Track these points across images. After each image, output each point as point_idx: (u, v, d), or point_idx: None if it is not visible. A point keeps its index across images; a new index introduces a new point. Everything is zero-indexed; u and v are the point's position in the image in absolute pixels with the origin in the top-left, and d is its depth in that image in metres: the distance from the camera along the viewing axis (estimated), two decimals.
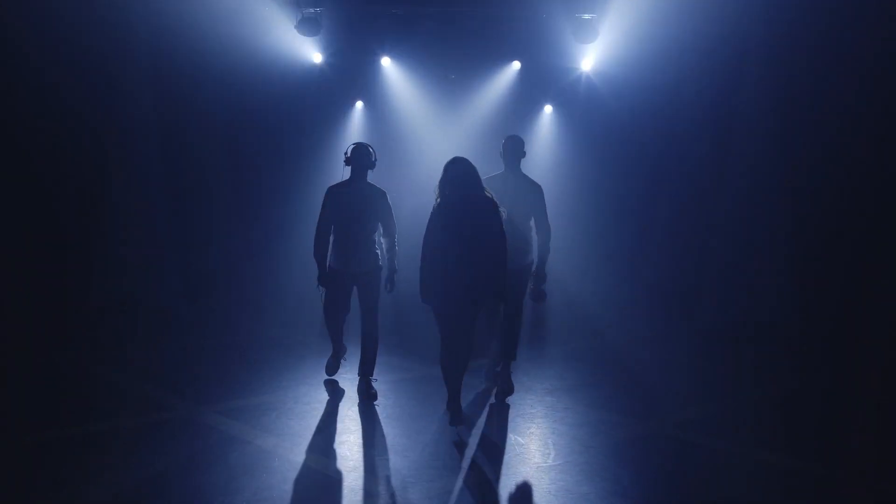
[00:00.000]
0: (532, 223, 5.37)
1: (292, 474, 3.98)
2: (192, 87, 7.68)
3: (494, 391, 5.43)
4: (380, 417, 4.92)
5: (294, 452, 4.27)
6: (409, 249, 5.22)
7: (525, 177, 5.46)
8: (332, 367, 5.63)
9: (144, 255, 7.40)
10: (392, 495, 3.79)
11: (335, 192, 5.30)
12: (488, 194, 4.59)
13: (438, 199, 4.59)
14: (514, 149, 5.46)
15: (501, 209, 4.62)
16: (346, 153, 5.31)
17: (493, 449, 4.45)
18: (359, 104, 9.43)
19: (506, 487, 3.90)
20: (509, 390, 5.35)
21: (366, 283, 5.29)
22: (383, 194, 5.30)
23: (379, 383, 5.44)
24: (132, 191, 7.40)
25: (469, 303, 4.57)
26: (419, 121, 9.11)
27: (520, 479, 4.00)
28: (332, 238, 5.29)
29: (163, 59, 7.41)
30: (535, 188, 5.41)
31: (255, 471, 4.01)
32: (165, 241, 7.58)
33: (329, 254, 5.29)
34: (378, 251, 5.34)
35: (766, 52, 7.24)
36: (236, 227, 8.02)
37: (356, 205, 5.23)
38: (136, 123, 7.47)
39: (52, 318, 6.75)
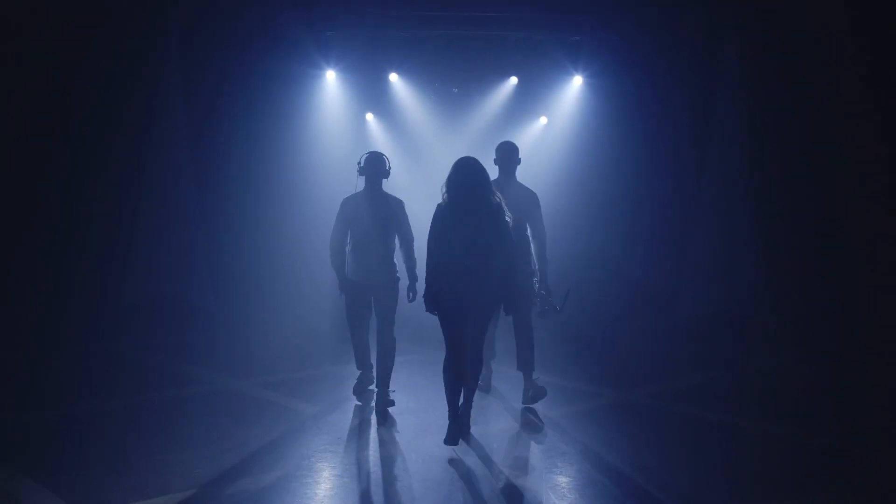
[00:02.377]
0: (528, 233, 5.32)
1: (325, 428, 4.80)
2: (218, 103, 8.46)
3: (523, 398, 5.38)
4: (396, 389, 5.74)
5: (325, 414, 5.08)
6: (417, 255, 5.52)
7: (520, 185, 5.39)
8: (360, 389, 5.46)
9: (176, 257, 8.14)
10: (409, 442, 4.61)
11: (350, 203, 5.20)
12: (497, 198, 4.44)
13: (445, 199, 4.45)
14: (508, 155, 5.37)
15: (508, 215, 4.46)
16: (359, 163, 5.20)
17: (492, 414, 5.26)
18: (369, 116, 10.18)
19: (502, 441, 4.70)
20: (540, 394, 5.31)
21: (384, 295, 5.20)
22: (401, 204, 5.21)
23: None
24: (166, 197, 8.16)
25: (475, 310, 4.42)
26: (425, 131, 9.87)
27: (513, 436, 4.83)
28: (349, 250, 5.21)
29: (193, 80, 8.20)
30: (531, 196, 5.34)
31: (292, 428, 4.85)
32: (194, 244, 8.31)
33: (346, 265, 5.24)
34: (396, 262, 5.26)
35: (739, 63, 8.06)
36: (258, 231, 8.73)
37: (374, 216, 5.13)
38: (169, 135, 8.23)
39: (96, 311, 7.55)
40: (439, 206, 4.47)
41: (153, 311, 7.67)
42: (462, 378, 4.48)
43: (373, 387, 5.45)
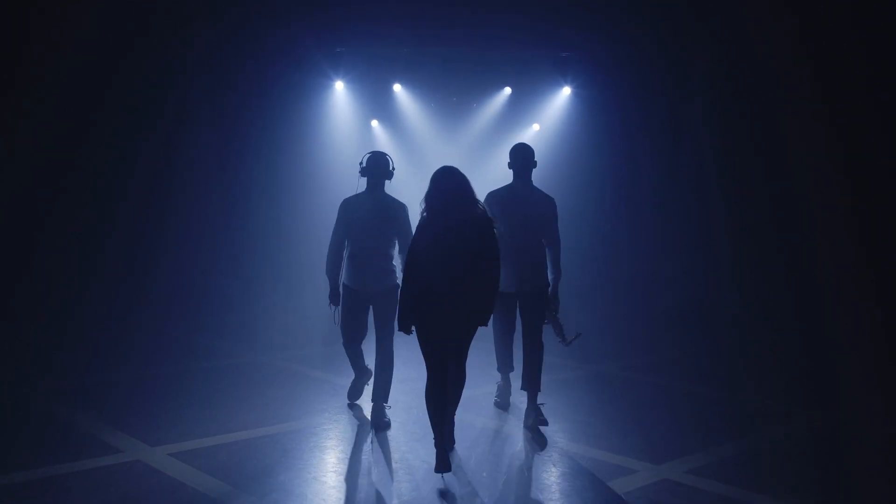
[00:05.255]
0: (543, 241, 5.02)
1: (341, 391, 5.65)
2: (241, 112, 9.38)
3: (525, 426, 5.01)
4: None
5: (342, 380, 5.93)
6: None
7: (536, 189, 5.10)
8: (355, 393, 5.30)
9: (203, 248, 9.05)
10: (411, 401, 5.47)
11: (351, 204, 4.97)
12: (481, 207, 4.14)
13: (425, 213, 4.10)
14: (523, 158, 5.05)
15: (496, 227, 4.15)
16: (361, 163, 5.01)
17: (478, 378, 6.13)
18: (374, 122, 11.05)
19: (488, 399, 5.57)
20: (542, 422, 4.91)
21: (383, 304, 4.94)
22: (402, 207, 4.96)
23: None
24: (192, 197, 9.09)
25: (456, 329, 4.12)
26: (426, 137, 10.74)
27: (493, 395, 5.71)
28: (346, 254, 4.98)
29: (217, 94, 9.13)
30: (549, 201, 5.04)
31: (313, 391, 5.77)
32: (218, 239, 9.22)
33: (343, 271, 5.01)
34: (395, 268, 4.99)
35: (709, 83, 8.97)
36: (278, 225, 9.63)
37: (374, 218, 4.90)
38: (196, 141, 9.15)
39: (136, 295, 8.47)
40: (420, 225, 4.14)
41: (184, 296, 8.59)
42: (445, 402, 4.19)
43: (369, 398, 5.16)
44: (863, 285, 7.27)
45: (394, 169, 5.08)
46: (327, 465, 4.26)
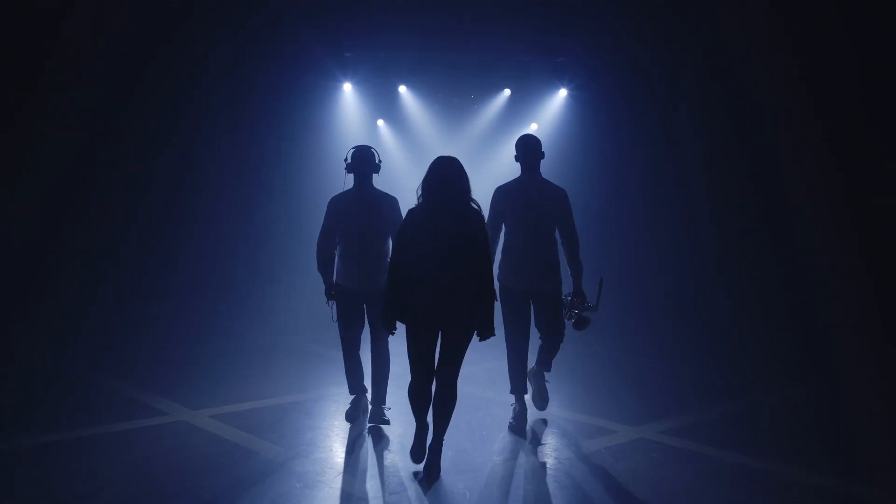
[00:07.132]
0: (556, 236, 4.86)
1: None
2: (255, 115, 9.99)
3: (528, 397, 5.11)
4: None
5: None
6: None
7: (547, 182, 4.88)
8: (354, 416, 4.94)
9: (222, 243, 9.66)
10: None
11: (339, 202, 4.81)
12: (475, 205, 4.00)
13: (420, 201, 4.02)
14: (530, 149, 4.82)
15: (486, 224, 4.12)
16: (346, 159, 4.86)
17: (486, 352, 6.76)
18: (380, 122, 11.64)
19: (487, 374, 6.19)
20: (543, 401, 5.11)
21: (377, 302, 4.65)
22: (395, 201, 4.80)
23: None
24: (213, 194, 9.70)
25: (447, 330, 3.96)
26: (429, 135, 11.33)
27: (490, 371, 6.30)
28: (338, 253, 4.84)
29: (236, 96, 9.73)
30: (560, 194, 4.81)
31: (329, 367, 6.38)
32: (236, 238, 9.83)
33: (336, 270, 4.87)
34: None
35: (698, 76, 9.56)
36: (285, 226, 10.24)
37: (364, 215, 4.75)
38: (216, 145, 9.77)
39: (162, 287, 9.08)
40: (411, 210, 4.04)
41: (204, 286, 9.20)
42: (429, 395, 4.08)
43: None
44: (855, 276, 7.51)
45: (380, 161, 4.90)
46: (347, 425, 4.88)
